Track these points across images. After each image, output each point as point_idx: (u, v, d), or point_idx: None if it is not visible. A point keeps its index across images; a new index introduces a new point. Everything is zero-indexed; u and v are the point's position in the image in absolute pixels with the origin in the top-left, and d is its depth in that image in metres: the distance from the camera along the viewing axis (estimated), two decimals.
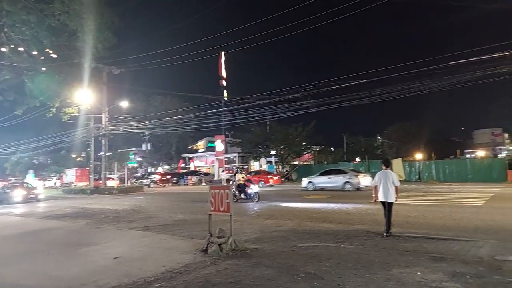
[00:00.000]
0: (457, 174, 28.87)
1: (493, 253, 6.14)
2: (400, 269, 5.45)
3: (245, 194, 17.06)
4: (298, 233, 8.87)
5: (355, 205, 14.67)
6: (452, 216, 10.88)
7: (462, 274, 5.09)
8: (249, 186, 17.21)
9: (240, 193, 17.15)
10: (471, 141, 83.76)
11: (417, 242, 7.34)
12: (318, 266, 5.84)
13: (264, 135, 37.44)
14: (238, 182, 17.28)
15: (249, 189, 17.09)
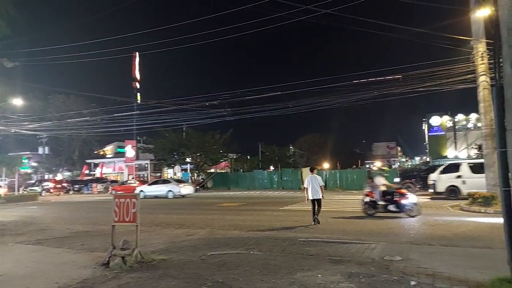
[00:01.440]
0: (358, 183, 31.77)
1: (383, 254, 6.81)
2: (303, 273, 5.70)
3: (397, 205, 12.43)
4: (209, 241, 8.76)
5: (265, 212, 15.08)
6: (351, 221, 11.87)
7: (357, 274, 5.52)
8: (405, 195, 12.53)
9: (387, 203, 12.66)
10: (371, 153, 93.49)
11: (320, 246, 7.80)
12: (226, 274, 5.80)
13: (179, 141, 36.47)
14: (379, 187, 12.93)
15: (403, 199, 12.39)
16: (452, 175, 19.34)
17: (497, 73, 5.04)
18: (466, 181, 18.62)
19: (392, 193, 12.73)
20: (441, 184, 19.56)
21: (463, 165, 19.60)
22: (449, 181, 19.31)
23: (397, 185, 14.95)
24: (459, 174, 19.11)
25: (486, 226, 10.10)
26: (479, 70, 15.06)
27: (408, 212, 12.28)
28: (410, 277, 5.29)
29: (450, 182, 19.21)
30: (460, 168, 19.42)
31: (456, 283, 5.00)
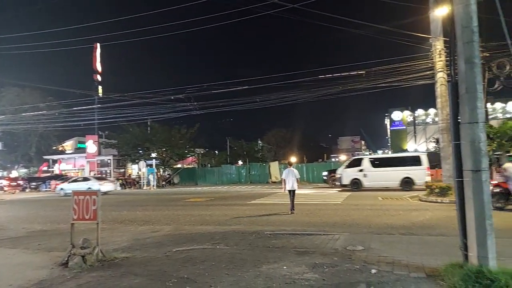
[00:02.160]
0: None
1: (345, 244, 7.01)
2: (269, 265, 5.75)
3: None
4: (175, 237, 8.62)
5: (233, 206, 15.07)
6: (317, 213, 12.11)
7: (321, 265, 5.64)
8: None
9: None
10: (336, 147, 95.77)
11: (286, 238, 7.90)
12: (192, 269, 5.74)
13: (144, 136, 35.50)
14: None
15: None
16: (355, 169, 21.19)
17: (452, 69, 5.28)
18: (367, 175, 20.68)
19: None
20: (346, 177, 21.32)
21: (364, 159, 21.61)
22: (353, 174, 21.09)
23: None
24: (361, 168, 21.00)
25: (442, 215, 10.65)
26: (437, 67, 15.78)
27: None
28: (371, 266, 5.47)
29: (354, 176, 21.02)
30: (362, 162, 21.34)
31: (414, 269, 5.23)
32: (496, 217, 8.07)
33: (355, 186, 20.98)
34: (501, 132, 14.85)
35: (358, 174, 20.97)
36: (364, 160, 21.54)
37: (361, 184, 20.86)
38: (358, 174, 20.99)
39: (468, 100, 4.75)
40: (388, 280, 4.79)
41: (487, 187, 4.63)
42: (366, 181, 20.70)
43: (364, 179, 20.73)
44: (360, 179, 20.89)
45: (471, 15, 4.80)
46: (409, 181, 20.00)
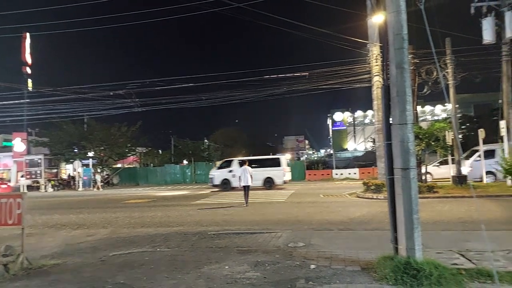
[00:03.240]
0: None
1: (287, 241, 7.15)
2: (211, 266, 5.67)
3: None
4: (112, 241, 8.19)
5: (176, 207, 14.71)
6: (261, 211, 12.24)
7: (263, 263, 5.69)
8: None
9: None
10: (282, 146, 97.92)
11: (230, 238, 7.87)
12: (129, 274, 5.47)
13: (80, 134, 33.21)
14: None
15: None
16: (226, 170, 22.69)
17: (385, 74, 5.61)
18: (236, 175, 21.46)
19: None
20: (218, 178, 22.78)
21: (234, 161, 23.08)
22: (223, 175, 22.57)
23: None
24: (230, 169, 22.46)
25: (377, 210, 11.33)
26: (373, 71, 16.77)
27: None
28: (310, 261, 5.63)
29: (224, 176, 22.53)
30: (232, 163, 22.83)
31: (350, 263, 5.48)
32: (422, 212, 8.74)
33: (225, 186, 22.29)
34: (429, 133, 16.14)
35: (228, 175, 22.31)
36: (234, 162, 22.89)
37: (230, 184, 22.17)
38: (228, 174, 22.36)
39: (399, 103, 5.07)
40: (325, 275, 4.96)
41: (415, 184, 4.98)
42: (234, 181, 21.66)
43: (233, 179, 21.82)
44: (229, 180, 22.21)
45: (401, 23, 5.13)
46: (270, 180, 22.01)
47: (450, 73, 17.53)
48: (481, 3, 16.27)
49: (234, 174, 21.66)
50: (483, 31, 16.18)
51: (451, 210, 10.81)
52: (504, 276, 4.49)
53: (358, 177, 29.17)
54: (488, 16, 16.09)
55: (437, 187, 14.81)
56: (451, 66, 17.49)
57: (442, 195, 13.97)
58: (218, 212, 12.38)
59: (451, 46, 17.51)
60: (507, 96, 16.39)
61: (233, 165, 22.50)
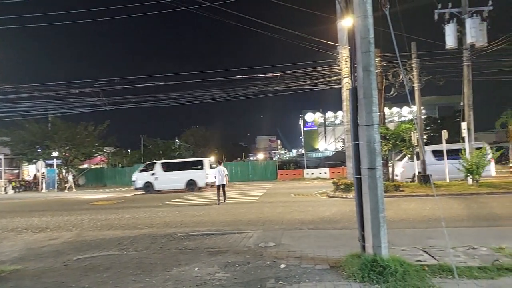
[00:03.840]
0: (242, 174, 33.04)
1: (258, 241, 7.16)
2: (180, 268, 5.58)
3: None
4: (77, 244, 7.89)
5: (145, 208, 14.38)
6: (232, 212, 12.19)
7: (233, 263, 5.66)
8: None
9: None
10: (254, 146, 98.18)
11: (200, 239, 7.78)
12: (94, 278, 5.29)
13: (43, 133, 31.70)
14: None
15: None
16: (148, 173, 23.05)
17: (352, 76, 5.74)
18: (159, 178, 22.67)
19: None
20: (140, 181, 23.05)
21: (157, 164, 23.55)
22: (146, 178, 22.92)
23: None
24: (153, 172, 22.91)
25: (346, 209, 11.58)
26: (343, 73, 17.12)
27: None
28: (280, 261, 5.66)
29: (147, 179, 22.84)
30: (154, 166, 23.26)
31: (319, 262, 5.55)
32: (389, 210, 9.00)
33: (147, 189, 22.47)
34: (396, 134, 16.70)
35: (151, 178, 22.62)
36: (156, 165, 23.22)
37: (153, 187, 22.45)
38: (150, 177, 22.65)
39: (365, 105, 5.19)
40: (295, 274, 5.00)
41: (381, 183, 5.12)
42: (157, 184, 22.45)
43: (156, 182, 22.39)
44: (152, 182, 22.51)
45: (368, 27, 5.26)
46: (193, 183, 22.30)
47: (415, 76, 18.18)
48: (444, 10, 17.01)
49: (157, 177, 22.35)
50: (445, 36, 16.92)
51: (416, 208, 11.22)
52: (464, 271, 4.70)
53: (329, 176, 29.74)
54: (451, 23, 16.85)
55: (403, 186, 15.33)
56: (416, 70, 18.14)
57: (408, 194, 14.48)
58: (188, 213, 12.21)
59: (416, 50, 18.17)
60: (468, 99, 17.21)
61: (156, 168, 22.72)
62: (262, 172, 33.43)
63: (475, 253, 5.58)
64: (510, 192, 13.69)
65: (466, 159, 15.91)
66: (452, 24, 16.81)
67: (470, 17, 16.55)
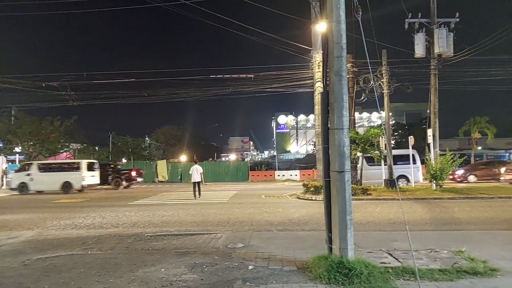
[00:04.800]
0: (214, 175, 32.79)
1: (227, 242, 7.12)
2: (146, 269, 5.45)
3: None
4: (38, 244, 7.53)
5: (112, 208, 13.97)
6: (202, 212, 12.07)
7: (200, 264, 5.60)
8: None
9: None
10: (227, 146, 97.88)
11: (168, 239, 7.64)
12: (55, 279, 5.07)
13: (6, 127, 30.16)
14: None
15: None
16: (24, 173, 22.88)
17: (324, 80, 5.81)
18: (34, 179, 22.45)
19: None
20: (15, 181, 22.87)
21: (33, 164, 23.41)
22: (21, 178, 22.75)
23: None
24: (28, 172, 22.75)
25: (315, 211, 11.74)
26: (316, 77, 17.39)
27: None
28: (249, 262, 5.65)
29: (22, 179, 22.65)
30: (30, 167, 23.07)
31: (287, 263, 5.59)
32: (356, 213, 9.21)
33: (22, 190, 22.12)
34: (365, 138, 17.15)
35: (26, 178, 22.28)
36: (33, 165, 22.95)
37: (27, 188, 22.09)
38: (25, 178, 22.31)
39: (336, 109, 5.28)
40: (263, 275, 5.00)
41: (349, 186, 5.22)
42: (32, 184, 22.13)
43: (31, 183, 22.08)
44: (27, 183, 22.18)
45: (341, 33, 5.36)
46: (69, 185, 22.10)
47: (385, 83, 18.77)
48: (414, 19, 17.67)
49: (32, 178, 21.93)
50: (415, 45, 17.58)
51: (382, 211, 11.55)
52: (426, 273, 4.88)
53: (299, 178, 30.09)
54: (420, 32, 17.53)
55: (370, 190, 15.75)
56: (386, 76, 18.73)
57: (375, 197, 14.88)
58: (157, 213, 11.97)
59: (386, 58, 18.76)
60: (434, 107, 17.94)
61: (31, 169, 22.32)
62: (234, 173, 33.38)
63: (436, 256, 5.81)
64: (471, 198, 14.37)
65: (431, 165, 16.57)
66: (421, 34, 17.49)
67: (438, 28, 17.28)
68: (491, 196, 14.24)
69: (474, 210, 11.45)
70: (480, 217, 10.18)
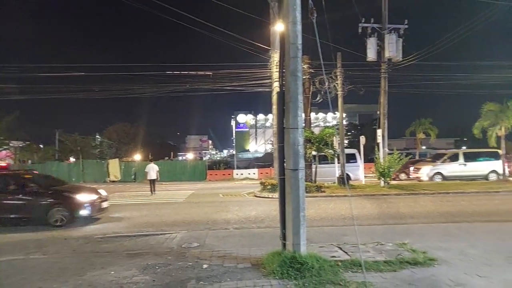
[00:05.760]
0: (170, 174, 31.98)
1: (182, 242, 7.02)
2: (94, 272, 5.22)
3: None
4: None
5: None
6: (156, 213, 11.78)
7: (153, 266, 5.46)
8: None
9: None
10: (184, 145, 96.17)
11: (119, 241, 7.38)
12: None
13: None
14: None
15: None
16: None
17: (280, 80, 5.90)
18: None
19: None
20: None
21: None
22: None
23: None
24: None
25: (271, 209, 11.88)
26: (274, 76, 17.58)
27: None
28: (203, 261, 5.61)
29: None
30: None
31: (242, 261, 5.62)
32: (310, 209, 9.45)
33: None
34: (320, 138, 17.66)
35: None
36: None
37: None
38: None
39: (291, 108, 5.39)
40: (217, 274, 4.99)
41: (303, 184, 5.35)
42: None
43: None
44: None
45: (297, 34, 5.47)
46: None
47: (340, 85, 19.42)
48: (367, 24, 18.45)
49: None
50: (367, 49, 18.36)
51: (335, 207, 11.96)
52: (372, 265, 5.14)
53: (257, 177, 30.30)
54: (372, 37, 18.34)
55: (324, 187, 16.24)
56: (340, 78, 19.38)
57: (328, 194, 15.37)
58: (106, 216, 11.48)
59: (341, 60, 19.42)
60: (383, 108, 18.85)
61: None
62: (191, 172, 32.85)
63: (382, 248, 6.13)
64: (415, 194, 15.30)
65: (380, 163, 17.43)
66: (373, 38, 18.30)
67: (389, 33, 18.20)
68: (432, 192, 15.25)
69: (417, 205, 12.22)
70: (422, 212, 10.89)
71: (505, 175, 20.21)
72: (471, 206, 11.62)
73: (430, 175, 20.16)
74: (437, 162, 20.81)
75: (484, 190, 15.41)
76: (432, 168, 20.39)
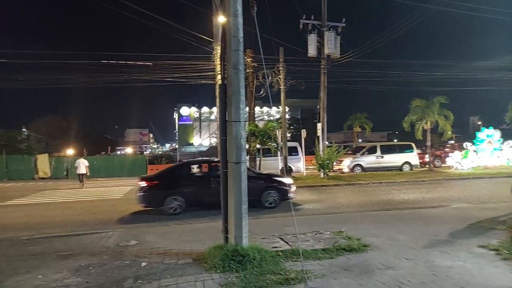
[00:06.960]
0: (106, 169, 30.33)
1: (119, 241, 6.67)
2: (18, 277, 4.76)
3: None
4: None
5: None
6: (91, 210, 11.09)
7: (86, 266, 5.13)
8: None
9: None
10: (123, 139, 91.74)
11: (48, 243, 6.81)
12: None
13: None
14: None
15: None
16: None
17: (222, 73, 5.82)
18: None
19: None
20: None
21: None
22: None
23: None
24: None
25: None
26: (217, 69, 17.29)
27: None
28: (142, 259, 5.39)
29: None
30: None
31: (183, 256, 5.50)
32: None
33: None
34: (263, 131, 17.92)
35: None
36: None
37: None
38: None
39: (233, 102, 5.34)
40: (156, 271, 4.83)
41: (245, 177, 5.35)
42: None
43: None
44: None
45: (238, 26, 5.42)
46: None
47: (282, 79, 19.79)
48: (308, 21, 18.96)
49: None
50: (308, 45, 18.89)
51: None
52: (311, 253, 5.32)
53: None
54: (312, 33, 18.90)
55: None
56: (282, 73, 19.74)
57: None
58: (35, 214, 10.59)
59: (283, 55, 19.76)
60: (323, 103, 19.59)
61: None
62: (130, 167, 31.42)
63: (321, 237, 6.38)
64: (351, 184, 16.17)
65: (319, 155, 18.15)
66: (313, 35, 18.87)
67: (328, 31, 18.88)
68: (367, 182, 16.24)
69: (353, 195, 12.94)
70: (357, 201, 11.55)
71: (417, 166, 22.07)
72: (401, 195, 12.57)
73: (351, 167, 21.11)
74: (357, 155, 22.06)
75: (412, 180, 16.73)
76: (352, 160, 21.42)
